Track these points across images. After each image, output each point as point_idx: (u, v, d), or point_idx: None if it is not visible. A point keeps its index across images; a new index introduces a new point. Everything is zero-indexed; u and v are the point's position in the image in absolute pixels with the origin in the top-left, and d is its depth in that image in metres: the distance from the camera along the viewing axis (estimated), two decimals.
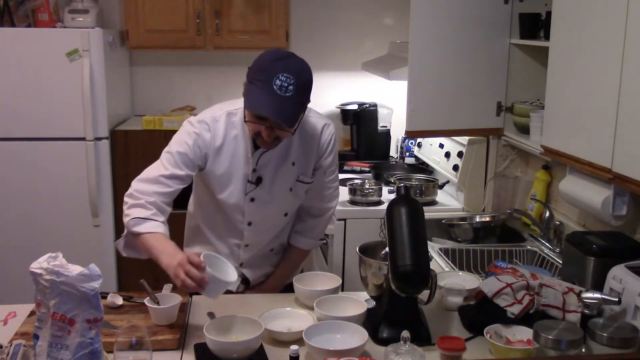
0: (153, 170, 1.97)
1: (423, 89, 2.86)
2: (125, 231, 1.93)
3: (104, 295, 1.88)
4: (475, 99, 2.95)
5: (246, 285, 2.22)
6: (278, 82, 1.78)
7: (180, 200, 3.39)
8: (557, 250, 2.57)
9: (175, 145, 1.98)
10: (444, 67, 2.88)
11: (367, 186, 3.24)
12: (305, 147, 2.06)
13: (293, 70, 1.81)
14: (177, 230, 2.33)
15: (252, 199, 2.04)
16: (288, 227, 2.22)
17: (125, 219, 1.90)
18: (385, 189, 3.29)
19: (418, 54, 2.84)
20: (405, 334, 1.57)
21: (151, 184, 1.94)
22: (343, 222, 3.10)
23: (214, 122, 2.00)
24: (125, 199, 1.94)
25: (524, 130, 2.79)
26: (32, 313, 1.83)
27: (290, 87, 1.79)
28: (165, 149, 2.00)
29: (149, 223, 1.87)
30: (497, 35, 2.90)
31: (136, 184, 1.95)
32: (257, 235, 2.12)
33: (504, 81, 2.96)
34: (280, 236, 2.20)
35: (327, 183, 2.18)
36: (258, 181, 2.02)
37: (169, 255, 1.78)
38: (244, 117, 1.92)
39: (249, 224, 2.08)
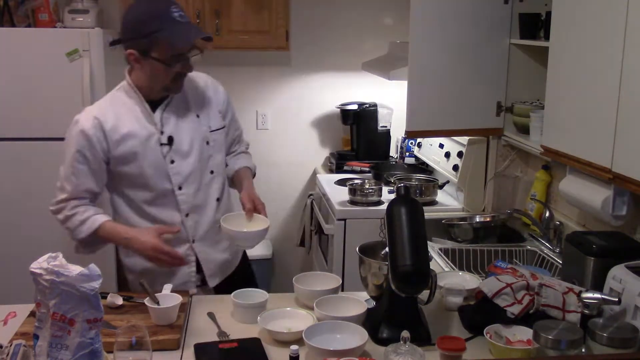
0: (59, 182, 2.11)
1: (423, 89, 2.86)
2: (75, 244, 2.10)
3: (104, 295, 1.88)
4: (475, 99, 2.94)
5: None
6: (176, 14, 1.94)
7: None
8: (557, 250, 2.57)
9: (67, 165, 2.07)
10: (444, 67, 2.88)
11: (367, 186, 3.24)
12: (200, 97, 2.17)
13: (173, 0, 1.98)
14: None
15: (172, 161, 2.07)
16: (222, 190, 2.21)
17: (69, 232, 2.08)
18: (385, 189, 3.29)
19: (418, 54, 2.85)
20: (405, 334, 1.57)
21: (63, 192, 2.08)
22: (343, 222, 3.10)
23: (92, 113, 2.04)
24: (58, 216, 2.11)
25: (524, 130, 2.79)
26: (32, 313, 1.83)
27: (183, 13, 1.97)
28: (62, 169, 2.10)
29: (86, 224, 2.03)
30: (497, 35, 2.90)
31: (54, 199, 2.11)
32: (192, 197, 2.12)
33: (504, 81, 2.96)
34: (219, 201, 2.20)
35: (237, 129, 2.34)
36: (170, 141, 2.06)
37: (134, 239, 1.99)
38: (166, 62, 1.96)
39: (180, 187, 2.09)
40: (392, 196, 2.59)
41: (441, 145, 3.46)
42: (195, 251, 2.17)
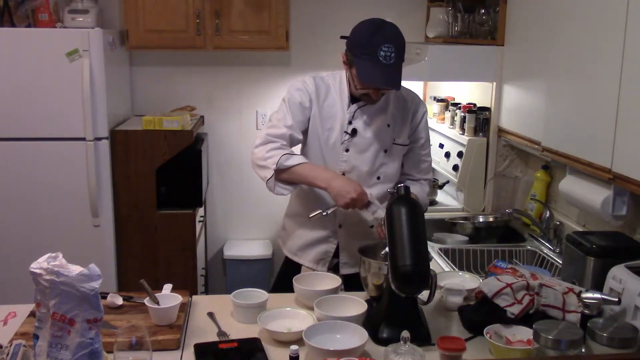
0: (269, 123, 2.20)
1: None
2: (272, 173, 2.10)
3: (104, 295, 1.88)
4: None
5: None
6: (382, 53, 2.01)
7: (184, 201, 3.36)
8: (557, 250, 2.57)
9: (285, 102, 2.20)
10: None
11: None
12: (399, 111, 2.25)
13: (390, 37, 2.03)
14: (184, 230, 2.27)
15: (347, 150, 2.22)
16: (383, 197, 2.23)
17: (269, 162, 2.10)
18: None
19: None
20: (405, 334, 1.57)
21: (276, 128, 2.16)
22: None
23: (316, 78, 2.25)
24: (256, 150, 2.15)
25: None
26: (32, 313, 1.83)
27: (392, 55, 2.01)
28: (278, 109, 2.23)
29: (295, 156, 2.11)
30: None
31: (264, 131, 2.17)
32: None
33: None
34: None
35: (423, 157, 2.37)
36: (353, 132, 2.21)
37: (335, 183, 2.04)
38: (355, 86, 2.13)
39: (343, 174, 2.22)
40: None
41: (441, 145, 3.46)
42: (337, 235, 2.30)
